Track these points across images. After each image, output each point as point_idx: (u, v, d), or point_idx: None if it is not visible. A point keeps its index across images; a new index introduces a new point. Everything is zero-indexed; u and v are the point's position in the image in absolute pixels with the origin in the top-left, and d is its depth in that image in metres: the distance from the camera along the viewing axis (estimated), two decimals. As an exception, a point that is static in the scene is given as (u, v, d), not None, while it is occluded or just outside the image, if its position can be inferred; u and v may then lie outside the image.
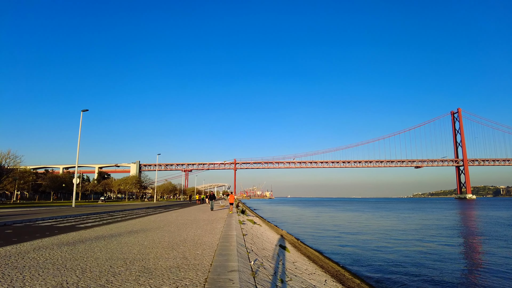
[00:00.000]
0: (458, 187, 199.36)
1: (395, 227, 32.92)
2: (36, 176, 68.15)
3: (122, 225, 13.33)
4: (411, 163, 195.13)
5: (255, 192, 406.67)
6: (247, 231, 14.54)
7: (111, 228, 12.09)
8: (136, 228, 12.32)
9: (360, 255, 17.49)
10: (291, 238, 23.32)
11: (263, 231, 18.85)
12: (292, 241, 21.11)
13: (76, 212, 22.98)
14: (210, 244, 8.28)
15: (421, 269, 14.03)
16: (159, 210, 30.41)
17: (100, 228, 12.20)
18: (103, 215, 21.37)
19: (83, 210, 26.51)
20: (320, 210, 71.91)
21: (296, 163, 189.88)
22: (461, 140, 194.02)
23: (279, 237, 18.94)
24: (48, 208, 29.81)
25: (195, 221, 16.02)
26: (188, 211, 25.88)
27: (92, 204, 46.26)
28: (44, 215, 18.38)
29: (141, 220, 16.29)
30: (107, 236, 9.73)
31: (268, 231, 21.16)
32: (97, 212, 22.99)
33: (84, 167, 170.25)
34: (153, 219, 17.53)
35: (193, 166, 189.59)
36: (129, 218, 17.98)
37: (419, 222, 39.29)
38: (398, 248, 19.59)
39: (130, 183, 77.86)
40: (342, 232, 28.21)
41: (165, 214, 22.05)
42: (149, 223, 14.42)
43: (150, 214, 23.06)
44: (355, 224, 36.11)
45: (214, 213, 24.03)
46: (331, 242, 22.48)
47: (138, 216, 20.51)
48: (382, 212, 64.30)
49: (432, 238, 24.34)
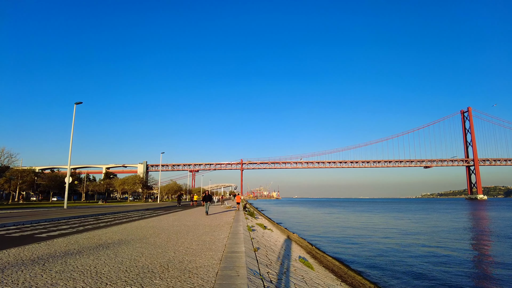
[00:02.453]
0: (468, 188, 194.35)
1: (413, 230, 29.93)
2: (36, 176, 65.78)
3: (98, 234, 10.33)
4: (420, 163, 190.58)
5: (262, 193, 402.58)
6: (259, 241, 11.47)
7: (80, 239, 9.11)
8: (114, 239, 9.33)
9: (391, 269, 14.31)
10: (306, 244, 20.40)
11: (276, 238, 15.76)
12: (307, 248, 18.15)
13: (61, 215, 20.11)
14: (206, 272, 5.23)
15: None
16: (158, 212, 27.50)
17: (64, 239, 9.20)
18: (89, 218, 18.46)
19: (71, 212, 23.69)
20: (330, 211, 68.55)
21: (303, 163, 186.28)
22: (471, 140, 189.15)
23: (297, 246, 15.87)
24: (33, 210, 27.04)
25: (194, 227, 13.00)
26: (189, 214, 22.89)
27: (89, 205, 43.57)
28: (15, 220, 15.52)
29: (127, 226, 13.31)
30: (59, 255, 6.73)
31: (280, 236, 18.09)
32: (83, 215, 20.09)
33: (92, 167, 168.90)
34: (144, 224, 14.56)
35: (199, 166, 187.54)
36: (115, 223, 15.03)
37: (438, 224, 35.92)
38: (424, 255, 16.38)
39: (132, 182, 74.99)
40: (359, 236, 25.03)
41: (162, 218, 19.08)
42: (134, 231, 11.43)
43: (145, 217, 20.12)
44: (372, 228, 32.80)
45: (218, 216, 21.01)
46: (356, 250, 19.27)
47: (129, 220, 17.57)
48: (395, 213, 60.81)
49: (473, 245, 21.02)
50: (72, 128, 31.77)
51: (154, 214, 23.98)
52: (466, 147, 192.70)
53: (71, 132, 31.78)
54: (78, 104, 32.20)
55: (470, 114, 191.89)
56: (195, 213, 24.05)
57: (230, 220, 17.41)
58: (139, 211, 28.07)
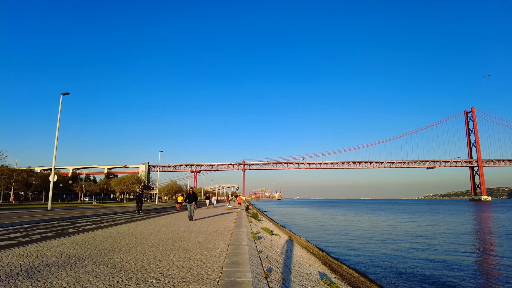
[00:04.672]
0: (472, 189, 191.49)
1: (425, 233, 27.74)
2: (28, 175, 62.97)
3: (47, 248, 7.46)
4: (423, 163, 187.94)
5: (264, 193, 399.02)
6: (268, 254, 8.63)
7: (10, 257, 6.28)
8: (64, 255, 6.49)
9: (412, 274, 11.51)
10: (316, 250, 17.75)
11: (286, 247, 12.91)
12: (319, 254, 15.44)
13: (32, 218, 17.25)
14: None
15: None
16: (151, 214, 24.70)
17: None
18: (62, 222, 15.64)
19: (49, 215, 20.89)
20: (334, 213, 65.64)
21: (305, 163, 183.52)
22: (475, 140, 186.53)
23: (310, 256, 13.04)
24: (10, 212, 24.22)
25: (184, 235, 10.18)
26: (183, 217, 20.06)
27: (79, 206, 40.69)
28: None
29: (100, 234, 10.48)
30: None
31: (290, 244, 15.27)
32: (58, 218, 17.23)
33: (94, 168, 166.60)
34: (124, 230, 11.73)
35: (201, 167, 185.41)
36: (88, 229, 12.20)
37: (451, 226, 33.24)
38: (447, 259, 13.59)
39: (129, 182, 71.73)
40: (371, 240, 22.27)
41: (151, 221, 16.25)
42: (104, 241, 8.59)
43: (132, 220, 17.31)
44: (382, 230, 30.01)
45: (217, 219, 18.19)
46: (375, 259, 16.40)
47: (110, 224, 14.75)
48: (402, 214, 58.03)
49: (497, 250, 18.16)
50: (58, 120, 29.00)
51: (144, 216, 21.17)
52: (470, 148, 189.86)
53: (57, 124, 29.00)
54: (64, 95, 29.49)
55: (473, 114, 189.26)
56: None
57: (231, 224, 14.58)
58: (129, 213, 25.27)
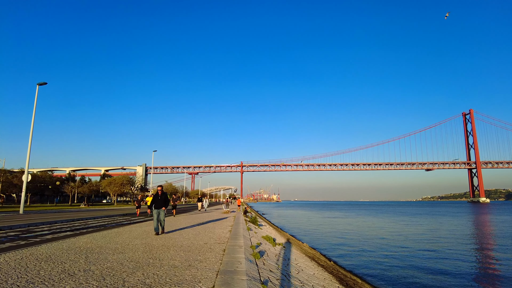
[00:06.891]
0: (470, 191, 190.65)
1: (429, 237, 25.80)
2: (12, 176, 59.55)
3: None
4: (422, 165, 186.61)
5: (262, 195, 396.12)
6: (276, 282, 5.77)
7: None
8: None
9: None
10: (324, 259, 15.18)
11: (295, 264, 10.06)
12: (326, 264, 12.85)
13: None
14: None
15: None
16: (134, 219, 21.65)
17: None
18: (15, 230, 12.67)
19: (12, 221, 17.92)
20: (333, 215, 62.95)
21: (304, 165, 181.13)
22: (473, 142, 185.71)
23: (323, 272, 10.18)
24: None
25: (157, 253, 7.28)
26: (170, 223, 17.14)
27: (62, 209, 37.42)
28: None
29: (40, 251, 7.54)
30: None
31: (297, 256, 12.43)
32: (11, 226, 14.21)
33: (91, 169, 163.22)
34: (80, 243, 8.79)
35: (199, 168, 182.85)
36: (37, 241, 9.29)
37: (458, 229, 31.22)
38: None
39: (120, 183, 68.04)
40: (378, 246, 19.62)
41: (126, 230, 13.28)
42: (36, 264, 5.68)
43: (107, 228, 14.38)
44: (385, 234, 27.53)
45: (210, 227, 15.31)
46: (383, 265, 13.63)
47: (71, 234, 11.82)
48: (402, 217, 55.71)
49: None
50: (33, 112, 25.91)
51: (124, 222, 18.24)
52: (468, 150, 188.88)
53: (32, 117, 25.90)
54: (41, 85, 26.44)
55: (472, 116, 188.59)
56: (178, 222, 18.34)
57: (226, 233, 11.67)
58: (110, 217, 22.29)
